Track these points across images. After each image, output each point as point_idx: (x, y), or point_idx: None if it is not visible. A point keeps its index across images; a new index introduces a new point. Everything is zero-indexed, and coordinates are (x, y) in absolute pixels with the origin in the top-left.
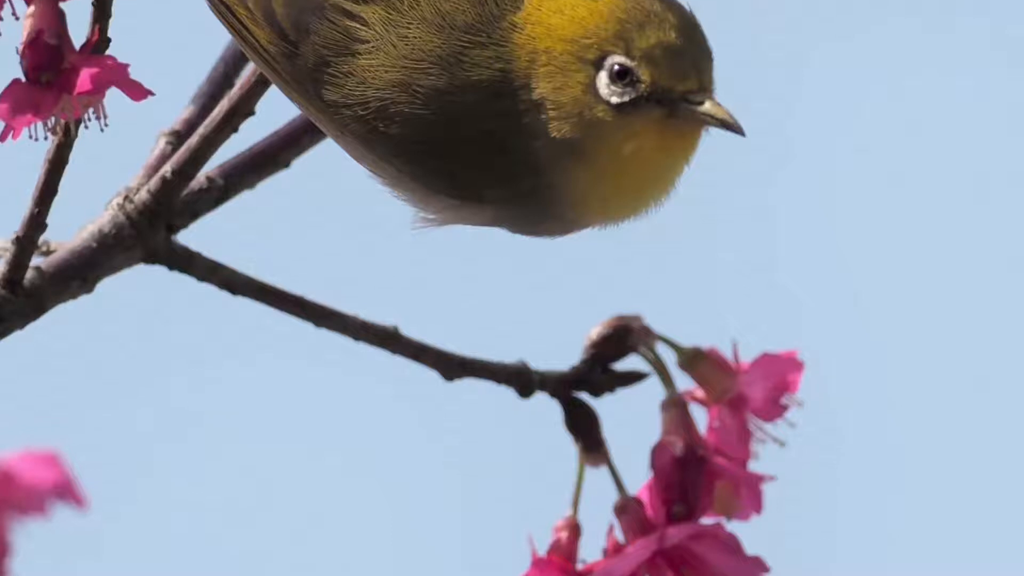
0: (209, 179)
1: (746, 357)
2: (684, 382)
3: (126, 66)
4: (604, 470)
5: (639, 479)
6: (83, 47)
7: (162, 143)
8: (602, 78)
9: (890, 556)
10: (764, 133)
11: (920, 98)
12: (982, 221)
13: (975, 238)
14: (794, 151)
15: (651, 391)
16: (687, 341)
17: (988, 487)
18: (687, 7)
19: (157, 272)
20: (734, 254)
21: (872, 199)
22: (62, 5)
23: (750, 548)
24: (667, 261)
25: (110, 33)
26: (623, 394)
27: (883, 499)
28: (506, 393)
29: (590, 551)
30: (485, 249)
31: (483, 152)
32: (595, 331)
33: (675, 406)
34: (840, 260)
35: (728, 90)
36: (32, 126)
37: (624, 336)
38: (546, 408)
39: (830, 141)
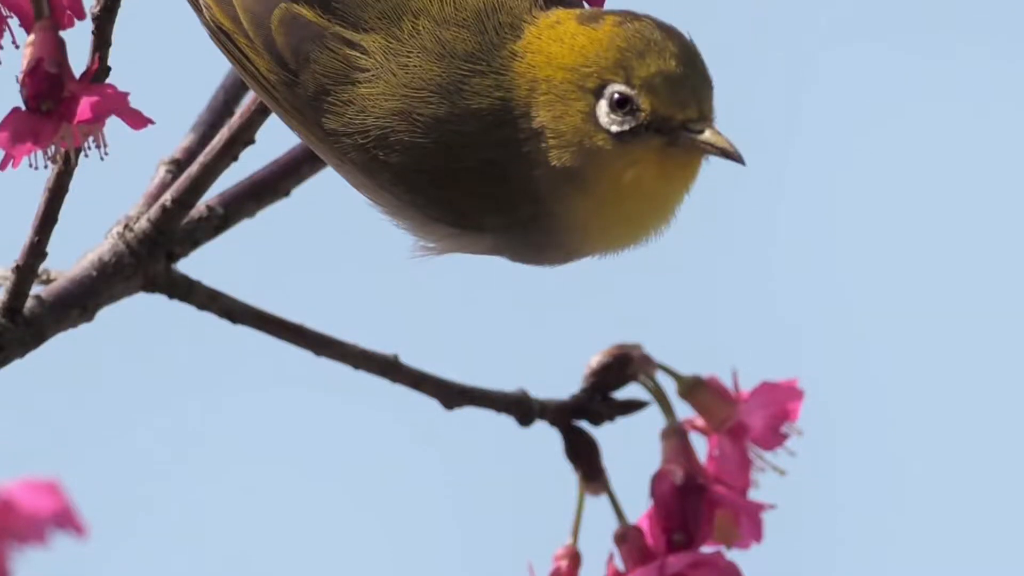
0: (209, 208)
1: (746, 386)
2: (684, 411)
3: (126, 94)
4: (604, 498)
5: (639, 508)
6: (83, 75)
7: (162, 171)
8: (602, 107)
9: None
10: (764, 161)
11: (920, 125)
12: (984, 249)
13: (977, 265)
14: (794, 178)
15: (651, 420)
16: (687, 370)
17: (989, 517)
18: (687, 35)
19: (157, 300)
20: (734, 282)
21: (872, 227)
22: (62, 34)
23: None
24: (667, 289)
25: (110, 62)
26: (623, 422)
27: (883, 528)
28: (506, 421)
29: None
30: (485, 277)
31: (483, 180)
32: (595, 359)
33: (675, 435)
34: (840, 289)
35: (728, 118)
36: (32, 154)
37: (624, 365)
38: (546, 436)
39: (830, 168)
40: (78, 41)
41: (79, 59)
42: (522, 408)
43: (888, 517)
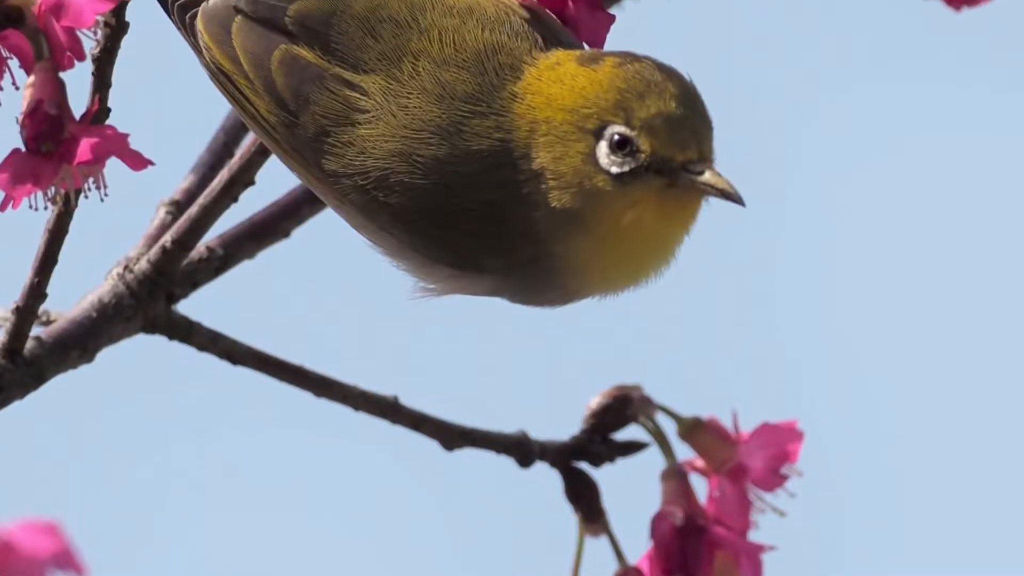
0: (209, 249)
1: (746, 427)
2: (684, 452)
3: (126, 136)
4: (604, 540)
5: (639, 549)
6: (83, 117)
7: (162, 213)
8: (602, 148)
9: None
10: (763, 202)
11: (919, 162)
12: (984, 286)
13: (977, 303)
14: (793, 219)
15: (651, 461)
16: (687, 411)
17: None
18: (687, 76)
19: (157, 342)
20: (734, 323)
21: (872, 266)
22: (62, 75)
23: None
24: (667, 330)
25: (110, 103)
26: (623, 464)
27: (884, 569)
28: (506, 463)
29: None
30: (485, 319)
31: (483, 222)
32: (595, 401)
33: (675, 476)
34: (841, 329)
35: (727, 158)
36: (32, 196)
37: (624, 406)
38: (546, 478)
39: (829, 208)
40: (78, 82)
41: (79, 100)
42: (522, 449)
43: (889, 559)
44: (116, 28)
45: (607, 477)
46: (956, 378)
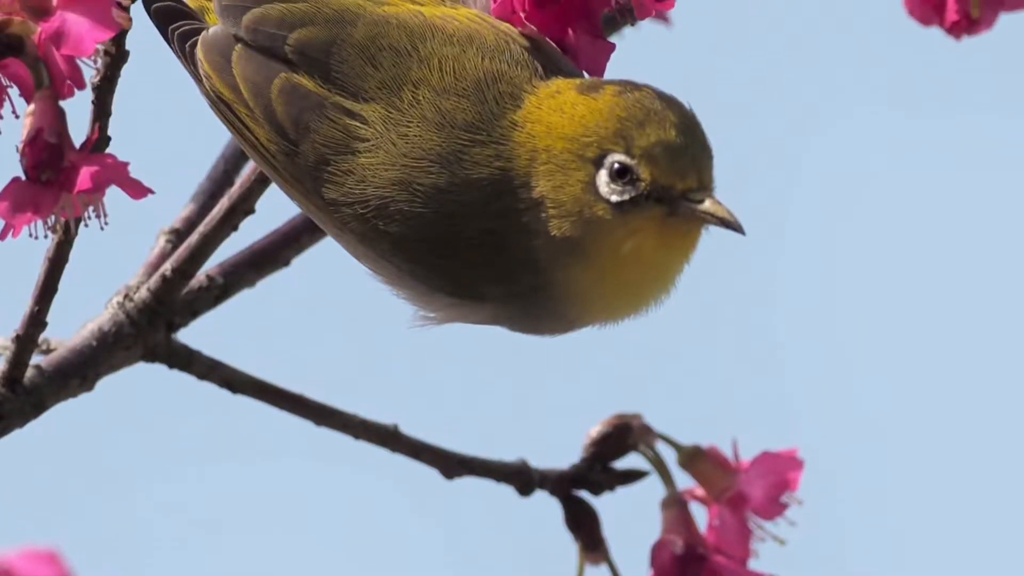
0: (209, 277)
1: (746, 455)
2: (684, 480)
3: (126, 164)
4: (604, 568)
5: None
6: (83, 145)
7: (162, 241)
8: (602, 176)
9: None
10: (763, 230)
11: (920, 190)
12: (985, 315)
13: (978, 331)
14: (793, 246)
15: (651, 489)
16: (687, 439)
17: None
18: (687, 105)
19: (157, 370)
20: (733, 352)
21: (873, 294)
22: (62, 103)
23: None
24: (666, 359)
25: (110, 131)
26: (623, 492)
27: None
28: (506, 491)
29: None
30: (485, 347)
31: (483, 250)
32: (595, 429)
33: (675, 504)
34: (841, 357)
35: (727, 187)
36: (32, 224)
37: (624, 434)
38: (546, 506)
39: (829, 236)
40: (78, 111)
41: (79, 129)
42: (522, 478)
43: None
44: (116, 57)
45: (607, 505)
46: (958, 408)
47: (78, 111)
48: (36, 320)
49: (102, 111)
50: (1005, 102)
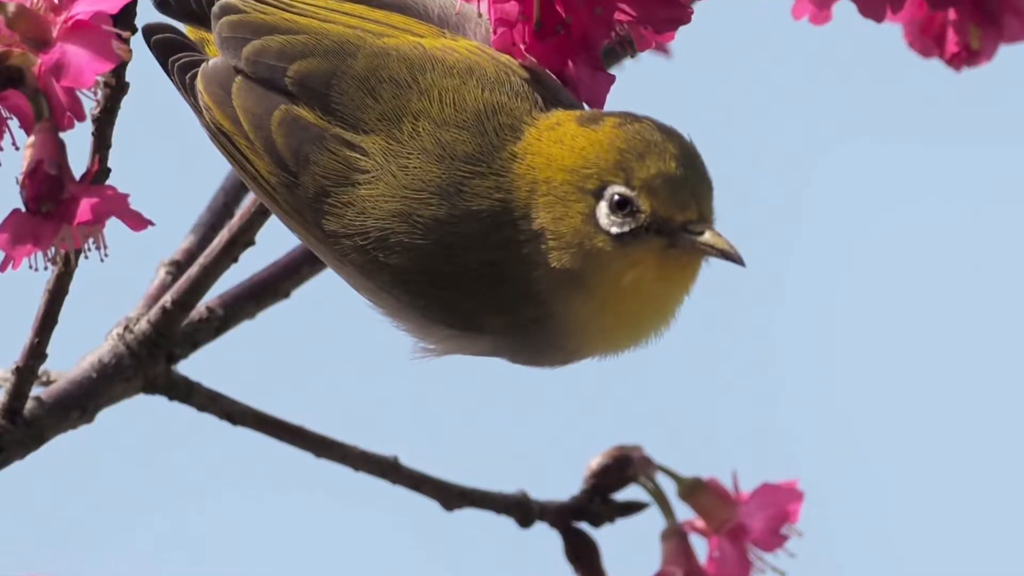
0: (209, 309)
1: (746, 487)
2: (684, 512)
3: (126, 196)
4: None
5: None
6: (83, 177)
7: (162, 273)
8: (602, 208)
9: None
10: (763, 262)
11: (921, 224)
12: (982, 347)
13: (976, 362)
14: (794, 277)
15: (651, 521)
16: (687, 471)
17: None
18: (687, 137)
19: (157, 402)
20: (733, 383)
21: (873, 325)
22: (62, 135)
23: None
24: (667, 391)
25: (110, 163)
26: (623, 524)
27: None
28: (506, 523)
29: None
30: (485, 379)
31: (483, 282)
32: (595, 461)
33: (675, 536)
34: (841, 389)
35: (727, 219)
36: (32, 256)
37: (624, 466)
38: (546, 538)
39: (829, 268)
40: (78, 142)
41: (79, 160)
42: (522, 509)
43: None
44: (116, 88)
45: (607, 537)
46: (960, 440)
47: (78, 143)
48: (36, 352)
49: (102, 143)
50: (1005, 133)
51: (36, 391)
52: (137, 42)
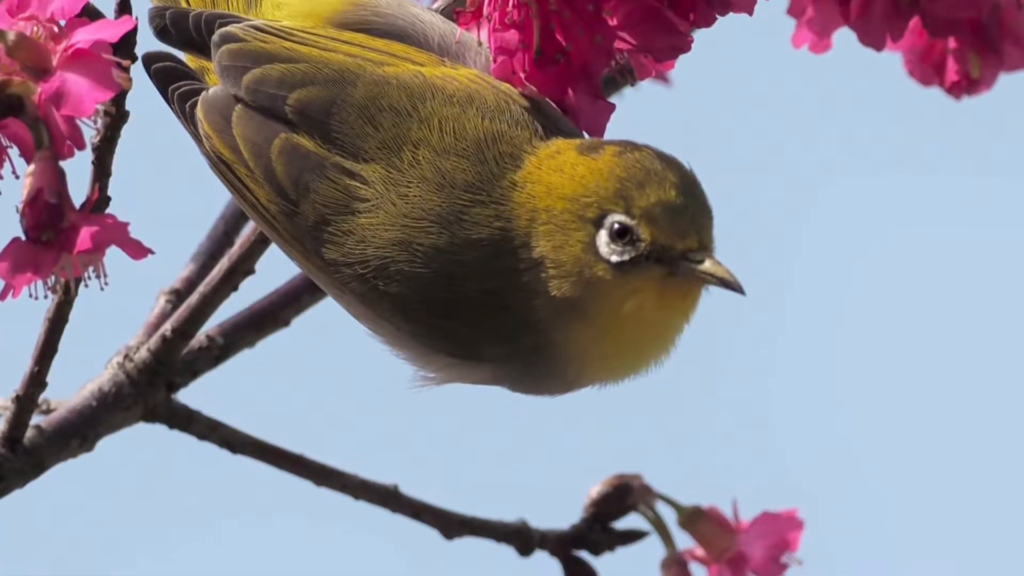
0: (209, 337)
1: (746, 515)
2: (684, 541)
3: (126, 225)
4: None
5: None
6: (83, 205)
7: (162, 301)
8: (602, 237)
9: None
10: (763, 291)
11: (920, 255)
12: (980, 377)
13: (975, 394)
14: (793, 307)
15: (651, 550)
16: (687, 499)
17: None
18: (687, 165)
19: (157, 431)
20: (733, 412)
21: (872, 355)
22: (62, 164)
23: None
24: (667, 419)
25: (110, 191)
26: (623, 552)
27: None
28: (506, 551)
29: None
30: (485, 407)
31: (483, 310)
32: (595, 489)
33: (675, 564)
34: (841, 417)
35: (727, 247)
36: (32, 284)
37: (624, 494)
38: (546, 567)
39: (829, 297)
40: (78, 171)
41: (79, 189)
42: (522, 538)
43: None
44: (116, 117)
45: (607, 566)
46: (957, 470)
47: (78, 171)
48: (36, 380)
49: (102, 171)
50: (1006, 162)
51: (36, 420)
52: (137, 70)
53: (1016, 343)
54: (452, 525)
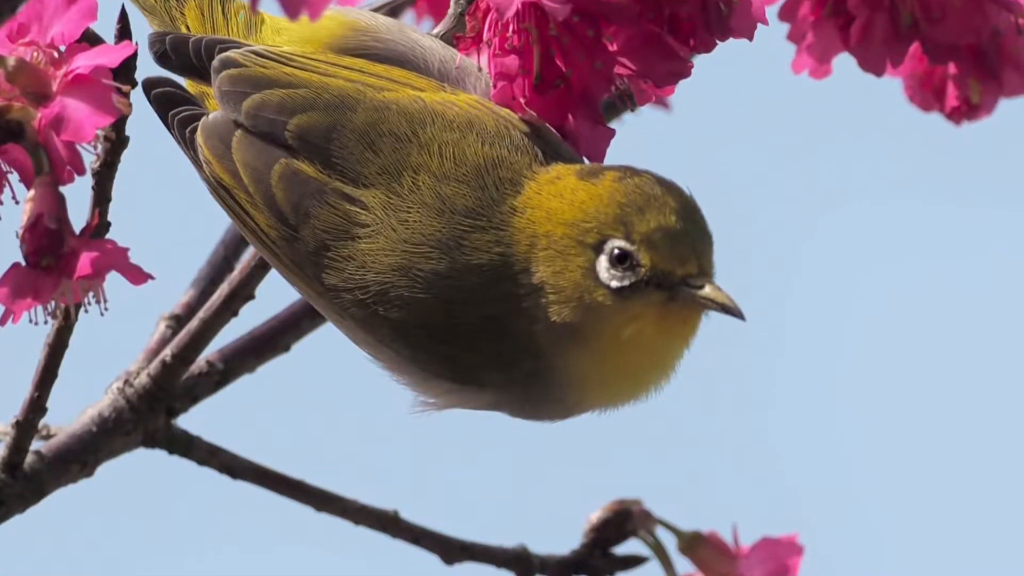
0: (209, 363)
1: (746, 541)
2: (684, 566)
3: (126, 250)
4: None
5: None
6: (83, 231)
7: (162, 327)
8: (602, 262)
9: None
10: (763, 316)
11: (921, 282)
12: (980, 404)
13: (974, 419)
14: (793, 333)
15: (651, 575)
16: (687, 525)
17: None
18: (687, 190)
19: (157, 456)
20: (733, 437)
21: (872, 381)
22: (62, 189)
23: None
24: (666, 445)
25: (110, 217)
26: None
27: None
28: None
29: None
30: (485, 433)
31: (483, 336)
32: (595, 515)
33: None
34: (841, 443)
35: (727, 273)
36: (32, 310)
37: (624, 520)
38: None
39: (829, 323)
40: (78, 196)
41: (79, 214)
42: (522, 563)
43: None
44: (116, 142)
45: None
46: (957, 496)
47: (78, 196)
48: (36, 406)
49: (102, 196)
50: (1006, 189)
51: (36, 445)
52: (137, 96)
53: (1019, 372)
54: (452, 550)
